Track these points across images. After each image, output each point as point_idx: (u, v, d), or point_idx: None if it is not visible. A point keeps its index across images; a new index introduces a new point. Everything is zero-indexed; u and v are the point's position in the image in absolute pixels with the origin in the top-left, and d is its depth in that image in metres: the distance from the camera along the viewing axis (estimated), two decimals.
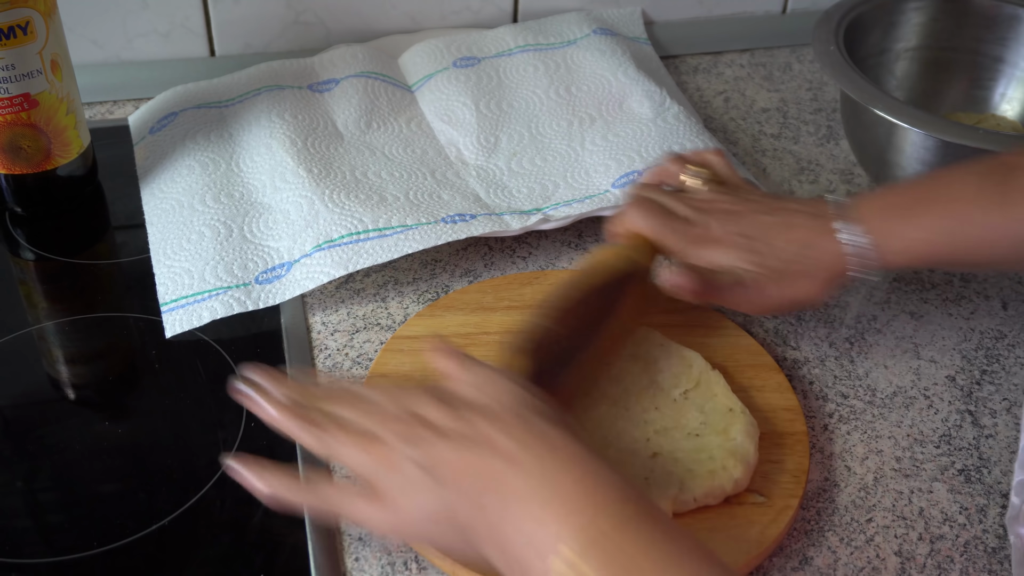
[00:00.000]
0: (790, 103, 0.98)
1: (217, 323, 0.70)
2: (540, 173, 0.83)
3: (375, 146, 0.85)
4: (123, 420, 0.66)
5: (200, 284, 0.72)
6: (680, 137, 0.84)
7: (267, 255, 0.74)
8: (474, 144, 0.86)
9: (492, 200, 0.80)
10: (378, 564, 0.57)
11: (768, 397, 0.66)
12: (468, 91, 0.90)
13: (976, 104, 0.91)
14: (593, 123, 0.88)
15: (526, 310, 0.72)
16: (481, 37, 0.97)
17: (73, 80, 0.77)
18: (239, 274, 0.73)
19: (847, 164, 0.90)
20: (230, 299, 0.71)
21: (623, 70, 0.92)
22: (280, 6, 0.96)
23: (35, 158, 0.76)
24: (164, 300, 0.71)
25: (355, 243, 0.73)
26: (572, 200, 0.80)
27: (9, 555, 0.57)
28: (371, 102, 0.89)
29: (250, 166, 0.82)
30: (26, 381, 0.68)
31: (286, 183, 0.79)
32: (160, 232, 0.77)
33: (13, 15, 0.71)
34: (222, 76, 0.91)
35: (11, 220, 0.79)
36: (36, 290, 0.77)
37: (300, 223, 0.75)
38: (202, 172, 0.81)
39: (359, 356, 0.70)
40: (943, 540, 0.60)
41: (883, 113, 0.76)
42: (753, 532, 0.58)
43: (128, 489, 0.61)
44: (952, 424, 0.67)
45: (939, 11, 0.91)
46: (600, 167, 0.83)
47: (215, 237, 0.75)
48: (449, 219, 0.76)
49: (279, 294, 0.72)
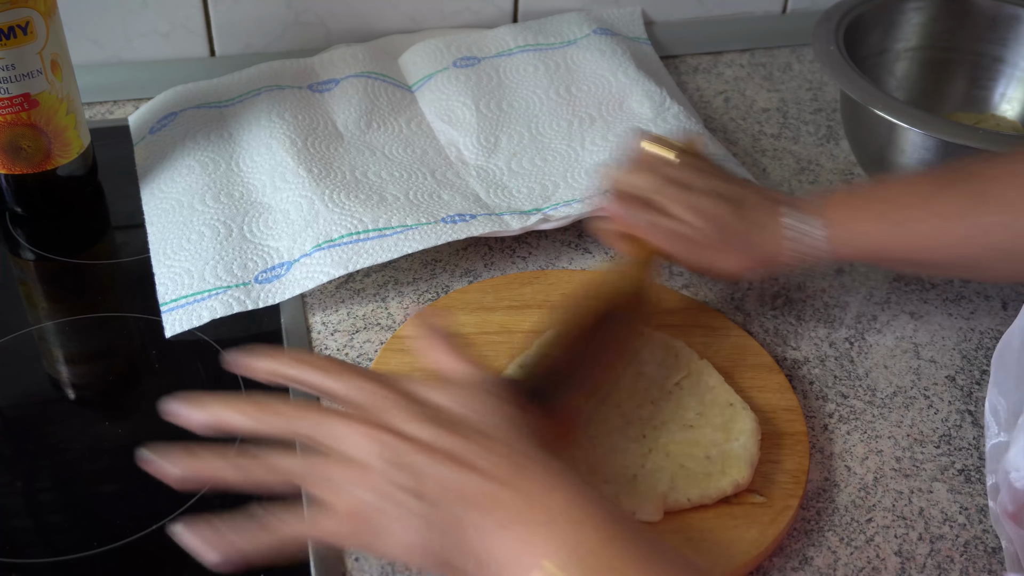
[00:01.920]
0: (790, 103, 0.98)
1: (217, 323, 0.70)
2: (540, 173, 0.83)
3: (375, 146, 0.85)
4: (123, 420, 0.66)
5: (200, 284, 0.72)
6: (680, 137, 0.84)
7: (267, 255, 0.74)
8: (474, 144, 0.86)
9: (492, 200, 0.80)
10: (378, 564, 0.57)
11: (768, 397, 0.66)
12: (468, 91, 0.90)
13: (976, 104, 0.91)
14: (593, 123, 0.88)
15: (526, 310, 0.72)
16: (481, 37, 0.97)
17: (73, 80, 0.77)
18: (239, 274, 0.73)
19: (847, 164, 0.90)
20: (230, 299, 0.71)
21: (623, 70, 0.92)
22: (280, 6, 0.96)
23: (35, 158, 0.76)
24: (164, 300, 0.71)
25: (355, 243, 0.73)
26: (572, 200, 0.80)
27: (9, 555, 0.57)
28: (371, 102, 0.89)
29: (250, 166, 0.82)
30: (26, 381, 0.68)
31: (286, 183, 0.79)
32: (160, 232, 0.77)
33: (13, 15, 0.71)
34: (222, 76, 0.91)
35: (11, 220, 0.79)
36: (36, 290, 0.77)
37: (300, 223, 0.75)
38: (202, 172, 0.81)
39: (359, 356, 0.70)
40: (943, 540, 0.60)
41: (883, 113, 0.76)
42: (753, 532, 0.58)
43: (128, 489, 0.61)
44: (952, 424, 0.67)
45: (939, 11, 0.91)
46: (600, 167, 0.83)
47: (215, 237, 0.75)
48: (449, 219, 0.76)
49: (279, 293, 0.72)
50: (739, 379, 0.67)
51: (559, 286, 0.74)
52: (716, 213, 0.66)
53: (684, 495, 0.58)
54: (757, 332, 0.73)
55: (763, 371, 0.68)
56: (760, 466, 0.61)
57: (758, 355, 0.69)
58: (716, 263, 0.67)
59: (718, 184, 0.68)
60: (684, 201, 0.66)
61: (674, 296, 0.74)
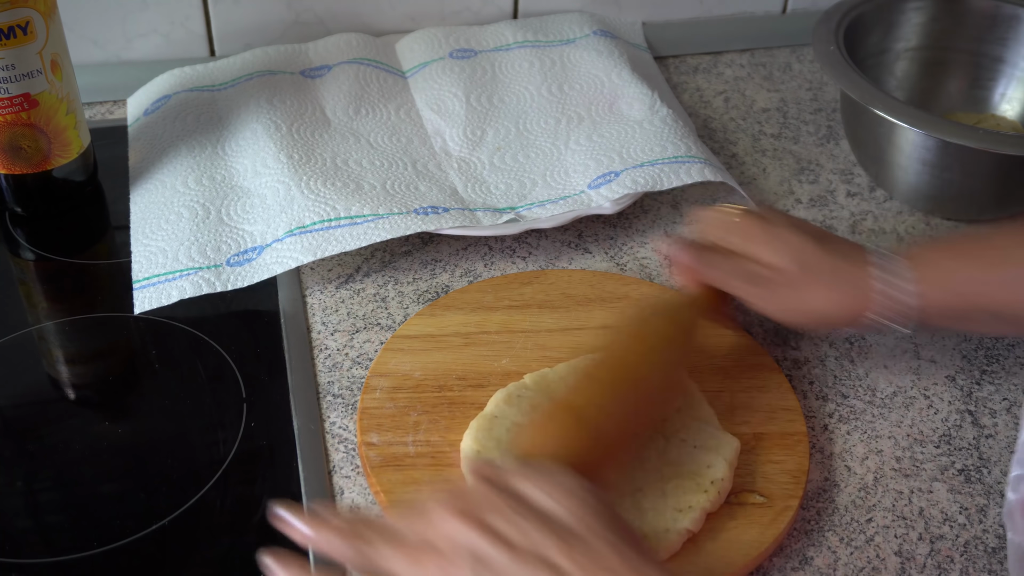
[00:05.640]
0: (790, 103, 0.98)
1: (217, 323, 0.70)
2: (520, 170, 0.83)
3: (361, 133, 0.85)
4: (123, 420, 0.66)
5: (173, 264, 0.73)
6: (664, 140, 0.83)
7: (240, 238, 0.75)
8: (460, 136, 0.86)
9: (468, 195, 0.80)
10: None
11: (768, 398, 0.66)
12: (461, 83, 0.90)
13: (976, 104, 0.91)
14: (581, 122, 0.88)
15: (526, 309, 0.72)
16: (480, 30, 0.97)
17: (73, 80, 0.77)
18: (211, 255, 0.73)
19: (847, 164, 0.90)
20: (200, 280, 0.71)
21: (617, 71, 0.92)
22: (280, 6, 0.96)
23: (35, 158, 0.76)
24: (137, 277, 0.72)
25: (325, 230, 0.74)
26: (546, 200, 0.80)
27: (9, 555, 0.57)
28: (361, 88, 0.89)
29: (235, 150, 0.83)
30: (26, 381, 0.68)
31: (267, 168, 0.80)
32: (141, 211, 0.78)
33: (13, 15, 0.71)
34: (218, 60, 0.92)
35: (11, 220, 0.79)
36: (36, 290, 0.77)
37: (275, 208, 0.76)
38: (188, 154, 0.83)
39: (359, 356, 0.70)
40: (943, 540, 0.60)
41: (883, 113, 0.76)
42: (753, 532, 0.58)
43: (128, 489, 0.61)
44: (952, 424, 0.67)
45: (939, 11, 0.91)
46: (579, 167, 0.82)
47: (192, 218, 0.76)
48: (421, 211, 0.76)
49: (248, 277, 0.72)
50: (739, 379, 0.67)
51: (559, 286, 0.74)
52: (800, 246, 0.61)
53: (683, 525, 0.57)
54: (757, 332, 0.73)
55: (763, 371, 0.68)
56: (760, 466, 0.61)
57: (758, 355, 0.69)
58: (801, 303, 0.62)
59: (796, 220, 0.64)
60: (762, 235, 0.62)
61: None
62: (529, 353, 0.68)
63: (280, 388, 0.67)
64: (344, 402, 0.67)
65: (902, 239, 0.82)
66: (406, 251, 0.78)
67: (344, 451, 0.63)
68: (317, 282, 0.75)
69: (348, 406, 0.66)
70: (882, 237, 0.82)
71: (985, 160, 0.77)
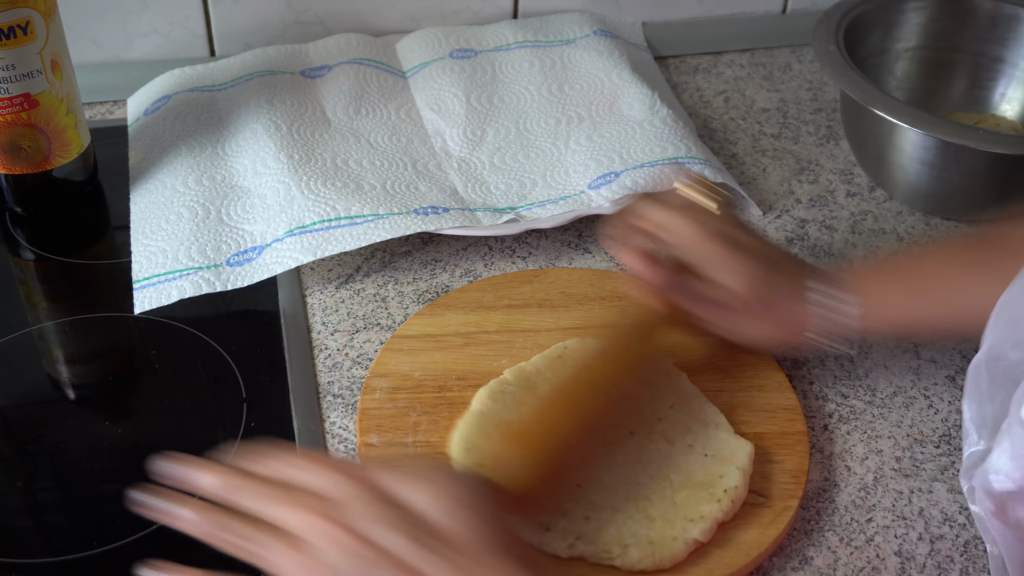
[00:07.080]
0: (790, 103, 0.98)
1: (217, 323, 0.70)
2: (521, 170, 0.83)
3: (361, 133, 0.85)
4: (123, 420, 0.66)
5: (173, 263, 0.73)
6: (665, 141, 0.84)
7: (240, 238, 0.75)
8: (460, 136, 0.86)
9: (468, 195, 0.80)
10: None
11: (768, 397, 0.66)
12: (461, 83, 0.90)
13: (976, 104, 0.91)
14: (581, 123, 0.88)
15: (526, 309, 0.72)
16: (481, 30, 0.97)
17: (73, 80, 0.77)
18: (211, 255, 0.73)
19: (847, 164, 0.90)
20: (200, 279, 0.72)
21: (617, 72, 0.92)
22: (280, 6, 0.96)
23: (35, 158, 0.76)
24: (137, 277, 0.72)
25: (325, 230, 0.74)
26: (546, 200, 0.80)
27: (9, 555, 0.57)
28: (362, 88, 0.89)
29: (235, 150, 0.83)
30: (26, 381, 0.68)
31: (267, 168, 0.80)
32: (142, 211, 0.78)
33: (13, 15, 0.71)
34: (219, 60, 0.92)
35: (11, 220, 0.79)
36: (36, 290, 0.77)
37: (275, 208, 0.76)
38: (188, 154, 0.83)
39: (359, 356, 0.70)
40: (943, 540, 0.60)
41: (883, 113, 0.76)
42: (753, 532, 0.58)
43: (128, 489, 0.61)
44: (952, 424, 0.67)
45: (939, 11, 0.91)
46: (579, 167, 0.82)
47: (192, 218, 0.76)
48: (421, 211, 0.76)
49: (248, 276, 0.72)
50: (739, 378, 0.67)
51: (559, 285, 0.74)
52: (757, 277, 0.62)
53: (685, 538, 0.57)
54: None
55: (763, 371, 0.68)
56: (760, 466, 0.61)
57: (758, 355, 0.69)
58: (746, 329, 0.65)
59: (760, 244, 0.65)
60: (727, 263, 0.62)
61: None
62: (529, 352, 0.68)
63: (280, 388, 0.67)
64: (344, 402, 0.67)
65: (902, 239, 0.82)
66: (406, 251, 0.78)
67: (344, 451, 0.63)
68: (317, 282, 0.75)
69: (348, 406, 0.66)
70: (882, 237, 0.82)
71: (985, 160, 0.77)
